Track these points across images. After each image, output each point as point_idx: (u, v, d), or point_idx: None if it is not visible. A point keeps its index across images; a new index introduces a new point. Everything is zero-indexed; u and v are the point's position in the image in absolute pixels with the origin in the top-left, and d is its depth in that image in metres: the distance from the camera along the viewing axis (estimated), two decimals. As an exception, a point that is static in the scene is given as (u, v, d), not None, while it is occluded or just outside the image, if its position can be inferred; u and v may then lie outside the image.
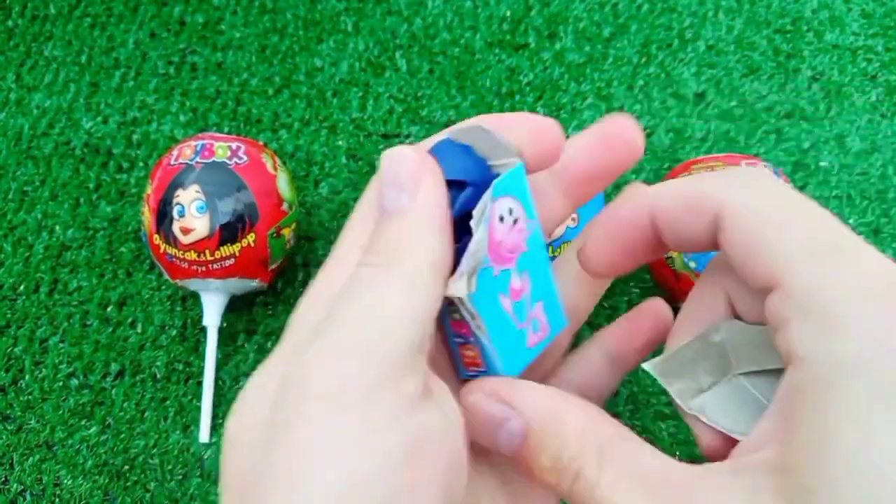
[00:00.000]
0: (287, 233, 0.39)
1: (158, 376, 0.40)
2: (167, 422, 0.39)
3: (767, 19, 0.50)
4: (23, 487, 0.37)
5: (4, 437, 0.39)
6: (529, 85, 0.49)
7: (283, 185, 0.39)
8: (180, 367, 0.40)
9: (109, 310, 0.42)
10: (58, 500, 0.37)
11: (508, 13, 0.52)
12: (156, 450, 0.38)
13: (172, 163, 0.37)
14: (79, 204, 0.45)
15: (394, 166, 0.16)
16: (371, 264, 0.16)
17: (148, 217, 0.37)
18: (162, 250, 0.37)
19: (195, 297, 0.42)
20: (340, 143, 0.47)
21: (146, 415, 0.39)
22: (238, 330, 0.41)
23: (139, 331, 0.41)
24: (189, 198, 0.36)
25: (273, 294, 0.42)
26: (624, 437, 0.16)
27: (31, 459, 0.38)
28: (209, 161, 0.37)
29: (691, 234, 0.17)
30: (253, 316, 0.42)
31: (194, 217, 0.36)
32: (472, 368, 0.19)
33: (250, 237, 0.37)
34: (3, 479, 0.38)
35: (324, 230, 0.44)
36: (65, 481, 0.37)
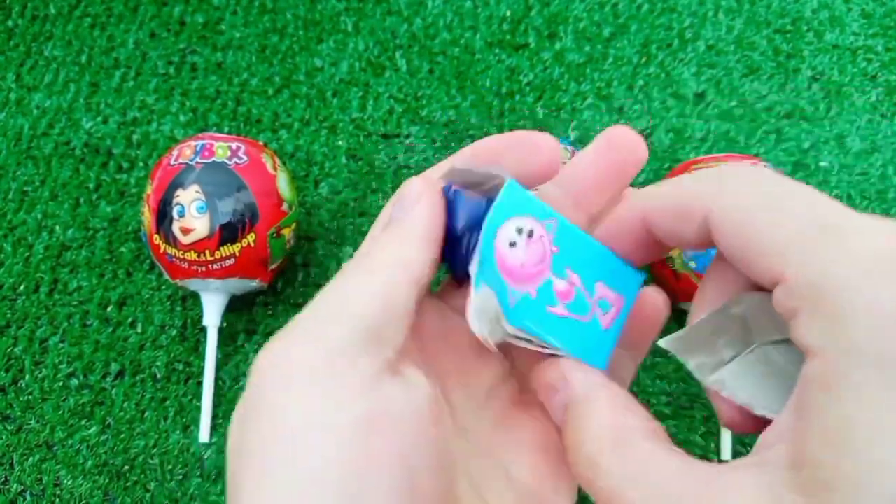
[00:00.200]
0: (287, 233, 0.39)
1: (158, 376, 0.40)
2: (167, 422, 0.39)
3: (767, 19, 0.50)
4: (23, 487, 0.37)
5: (4, 437, 0.39)
6: (529, 85, 0.49)
7: (283, 185, 0.39)
8: (180, 367, 0.40)
9: (109, 310, 0.42)
10: (58, 500, 0.37)
11: (508, 13, 0.52)
12: (156, 450, 0.38)
13: (172, 163, 0.37)
14: (79, 204, 0.45)
15: (402, 192, 0.19)
16: (350, 264, 0.18)
17: (148, 217, 0.37)
18: (162, 250, 0.37)
19: (195, 297, 0.42)
20: (340, 143, 0.47)
21: (146, 415, 0.39)
22: (238, 330, 0.41)
23: (139, 331, 0.41)
24: (189, 198, 0.36)
25: (273, 294, 0.42)
26: (646, 434, 0.16)
27: (31, 459, 0.38)
28: (209, 161, 0.37)
29: (684, 237, 0.17)
30: (253, 316, 0.42)
31: (194, 217, 0.36)
32: None
33: (250, 237, 0.37)
34: (3, 479, 0.38)
35: (324, 230, 0.44)
36: (65, 481, 0.37)
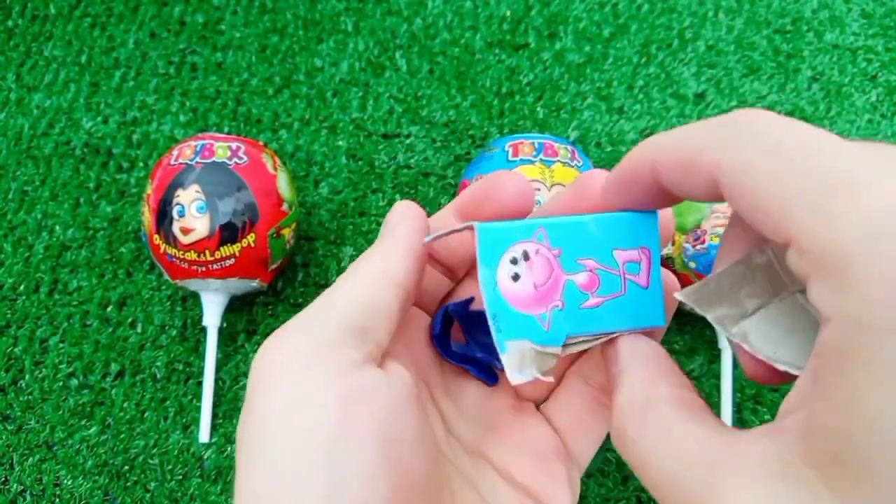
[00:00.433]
0: (287, 233, 0.39)
1: (158, 376, 0.40)
2: (167, 422, 0.39)
3: (767, 19, 0.50)
4: (23, 487, 0.37)
5: (4, 437, 0.39)
6: (529, 85, 0.48)
7: (283, 185, 0.39)
8: (180, 367, 0.40)
9: (109, 310, 0.42)
10: (58, 500, 0.37)
11: (508, 13, 0.52)
12: (156, 450, 0.38)
13: (172, 163, 0.37)
14: (79, 204, 0.45)
15: (390, 214, 0.22)
16: (340, 277, 0.21)
17: (148, 217, 0.37)
18: (162, 250, 0.37)
19: (195, 297, 0.42)
20: (340, 143, 0.47)
21: (146, 415, 0.39)
22: (238, 330, 0.41)
23: (139, 331, 0.41)
24: (189, 198, 0.36)
25: (273, 294, 0.42)
26: (671, 401, 0.17)
27: (31, 459, 0.38)
28: (209, 161, 0.37)
29: (692, 189, 0.17)
30: (253, 316, 0.42)
31: (194, 217, 0.36)
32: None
33: (250, 237, 0.37)
34: (3, 479, 0.38)
35: (324, 230, 0.44)
36: (65, 481, 0.37)
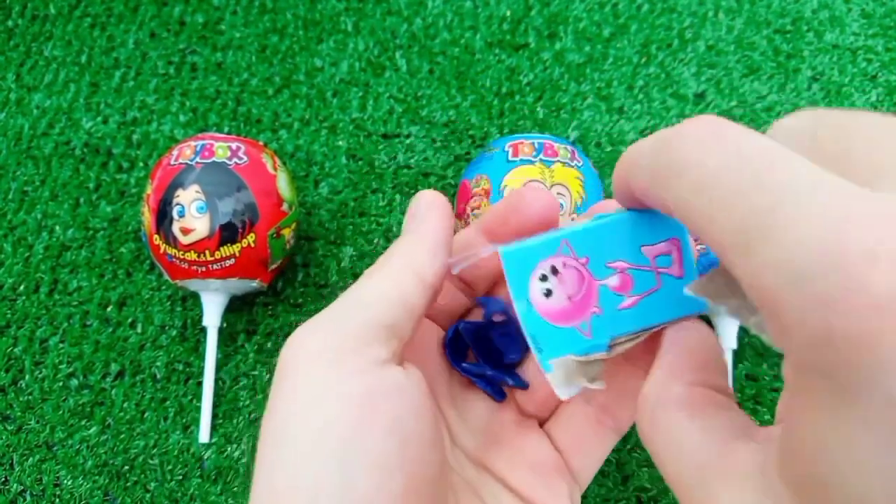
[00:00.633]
0: (287, 233, 0.39)
1: (158, 376, 0.40)
2: (167, 422, 0.39)
3: (767, 19, 0.50)
4: (23, 487, 0.37)
5: (4, 437, 0.39)
6: (529, 85, 0.48)
7: (283, 185, 0.39)
8: (180, 367, 0.40)
9: (109, 310, 0.42)
10: (58, 500, 0.37)
11: (508, 13, 0.52)
12: (156, 450, 0.38)
13: (172, 163, 0.37)
14: (79, 204, 0.45)
15: (414, 203, 0.22)
16: (368, 271, 0.21)
17: (148, 217, 0.37)
18: (162, 250, 0.37)
19: (195, 297, 0.42)
20: (340, 143, 0.47)
21: (146, 415, 0.39)
22: (238, 330, 0.41)
23: (139, 331, 0.41)
24: (189, 198, 0.36)
25: (273, 294, 0.42)
26: (681, 402, 0.17)
27: (31, 459, 0.38)
28: (209, 161, 0.37)
29: (663, 208, 0.16)
30: (253, 316, 0.42)
31: (194, 217, 0.36)
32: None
33: (250, 237, 0.37)
34: (3, 479, 0.38)
35: (324, 230, 0.44)
36: (65, 481, 0.37)
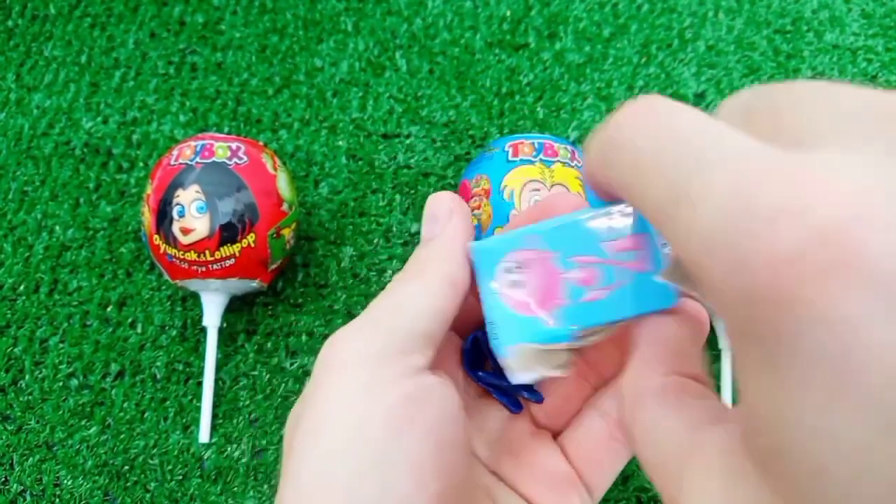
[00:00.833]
0: (287, 233, 0.39)
1: (158, 376, 0.40)
2: (167, 422, 0.39)
3: (767, 19, 0.50)
4: (23, 488, 0.37)
5: (4, 437, 0.39)
6: (529, 85, 0.48)
7: (283, 185, 0.39)
8: (180, 367, 0.40)
9: (109, 310, 0.42)
10: (58, 500, 0.37)
11: (508, 13, 0.52)
12: (156, 450, 0.38)
13: (172, 163, 0.37)
14: (79, 204, 0.45)
15: (433, 205, 0.22)
16: (399, 277, 0.21)
17: (148, 217, 0.37)
18: (162, 250, 0.37)
19: (195, 297, 0.42)
20: (340, 143, 0.47)
21: (146, 415, 0.39)
22: (238, 330, 0.41)
23: (139, 331, 0.41)
24: (189, 198, 0.36)
25: (273, 294, 0.42)
26: (656, 393, 0.17)
27: (31, 459, 0.38)
28: (209, 161, 0.37)
29: (612, 188, 0.16)
30: (253, 316, 0.42)
31: (194, 217, 0.36)
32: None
33: (250, 237, 0.37)
34: (3, 479, 0.38)
35: (324, 230, 0.44)
36: (65, 481, 0.37)
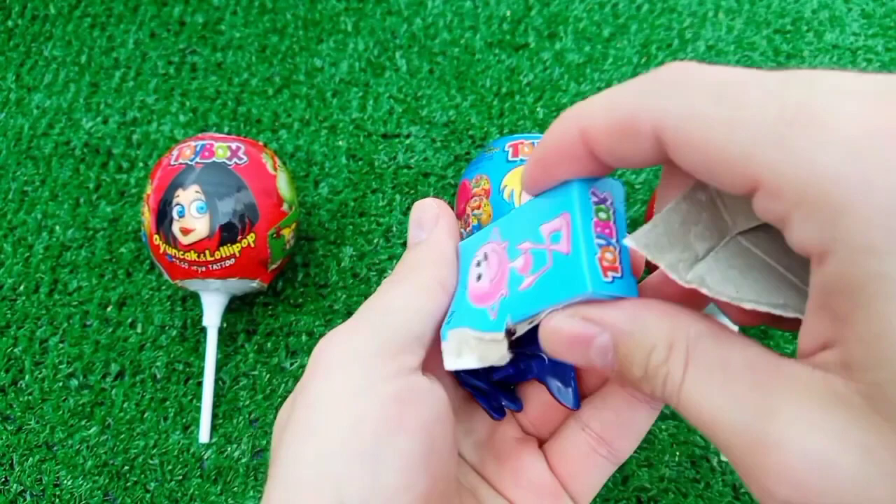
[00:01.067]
0: (287, 233, 0.39)
1: (158, 377, 0.40)
2: (167, 422, 0.39)
3: (767, 19, 0.50)
4: (23, 488, 0.37)
5: (4, 437, 0.39)
6: (529, 85, 0.48)
7: (283, 185, 0.39)
8: (180, 367, 0.40)
9: (109, 310, 0.42)
10: (58, 500, 0.37)
11: (508, 13, 0.52)
12: (156, 450, 0.38)
13: (172, 163, 0.37)
14: (79, 204, 0.45)
15: (419, 211, 0.22)
16: (390, 280, 0.21)
17: (148, 217, 0.37)
18: (162, 251, 0.37)
19: (195, 297, 0.42)
20: (340, 143, 0.47)
21: (146, 415, 0.39)
22: (238, 330, 0.41)
23: (139, 331, 0.41)
24: (189, 198, 0.36)
25: (273, 294, 0.42)
26: (711, 333, 0.15)
27: (31, 460, 0.38)
28: (209, 161, 0.37)
29: (633, 155, 0.16)
30: (253, 316, 0.42)
31: (194, 217, 0.36)
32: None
33: (250, 237, 0.37)
34: (3, 479, 0.38)
35: (324, 230, 0.44)
36: (65, 482, 0.37)
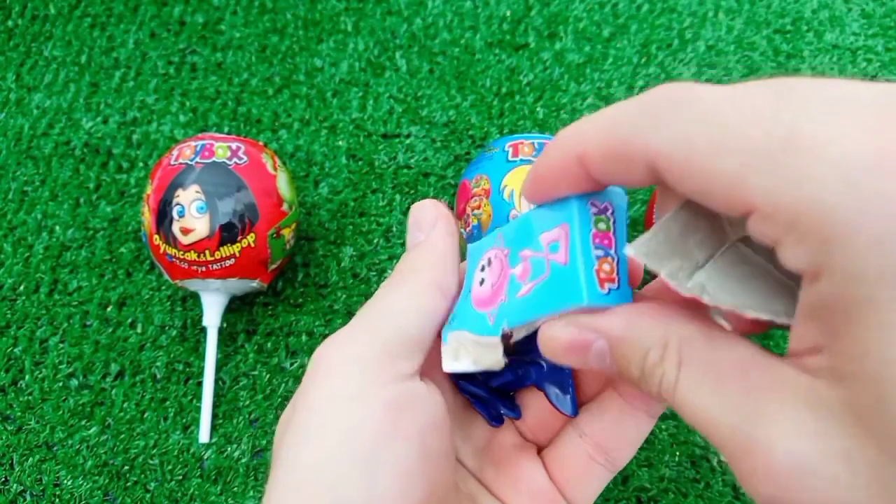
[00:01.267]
0: (287, 233, 0.39)
1: (158, 377, 0.40)
2: (167, 422, 0.39)
3: (767, 19, 0.50)
4: (23, 488, 0.37)
5: (4, 437, 0.39)
6: (529, 85, 0.48)
7: (283, 185, 0.39)
8: (180, 367, 0.40)
9: (109, 310, 0.42)
10: (58, 500, 0.37)
11: (508, 13, 0.52)
12: (156, 450, 0.38)
13: (172, 163, 0.37)
14: (79, 204, 0.45)
15: (417, 214, 0.22)
16: (389, 282, 0.21)
17: (148, 217, 0.37)
18: (162, 251, 0.37)
19: (195, 297, 0.42)
20: (340, 143, 0.47)
21: (146, 415, 0.39)
22: (238, 330, 0.41)
23: (139, 331, 0.41)
24: (189, 198, 0.36)
25: (273, 294, 0.42)
26: (703, 335, 0.16)
27: (31, 460, 0.38)
28: (209, 161, 0.37)
29: (628, 178, 0.16)
30: (253, 316, 0.42)
31: (194, 217, 0.36)
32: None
33: (250, 237, 0.37)
34: (3, 479, 0.38)
35: (324, 230, 0.44)
36: (65, 481, 0.37)
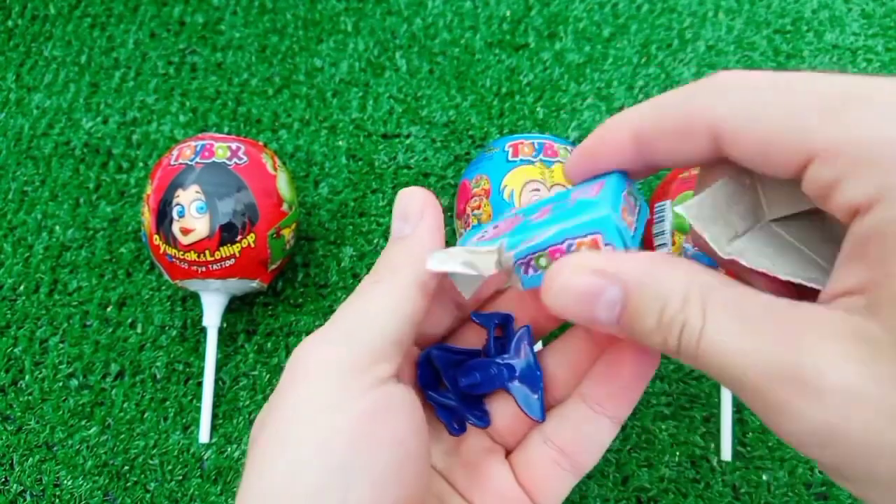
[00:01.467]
0: (287, 233, 0.39)
1: (158, 377, 0.40)
2: (167, 422, 0.39)
3: (767, 19, 0.50)
4: (23, 488, 0.37)
5: (4, 437, 0.39)
6: (529, 85, 0.48)
7: (283, 185, 0.39)
8: (180, 367, 0.40)
9: (109, 310, 0.42)
10: (58, 500, 0.37)
11: (508, 13, 0.51)
12: (156, 450, 0.38)
13: (172, 163, 0.37)
14: (79, 204, 0.45)
15: (403, 202, 0.21)
16: (370, 279, 0.20)
17: (148, 217, 0.37)
18: (162, 251, 0.37)
19: (195, 297, 0.42)
20: (340, 143, 0.47)
21: (146, 415, 0.39)
22: (238, 330, 0.41)
23: (139, 331, 0.41)
24: (189, 198, 0.36)
25: (273, 294, 0.42)
26: (725, 283, 0.16)
27: (31, 460, 0.38)
28: (209, 161, 0.37)
29: (688, 155, 0.17)
30: (253, 316, 0.42)
31: (194, 217, 0.36)
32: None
33: (250, 237, 0.37)
34: (3, 479, 0.38)
35: (324, 230, 0.44)
36: (65, 482, 0.37)
